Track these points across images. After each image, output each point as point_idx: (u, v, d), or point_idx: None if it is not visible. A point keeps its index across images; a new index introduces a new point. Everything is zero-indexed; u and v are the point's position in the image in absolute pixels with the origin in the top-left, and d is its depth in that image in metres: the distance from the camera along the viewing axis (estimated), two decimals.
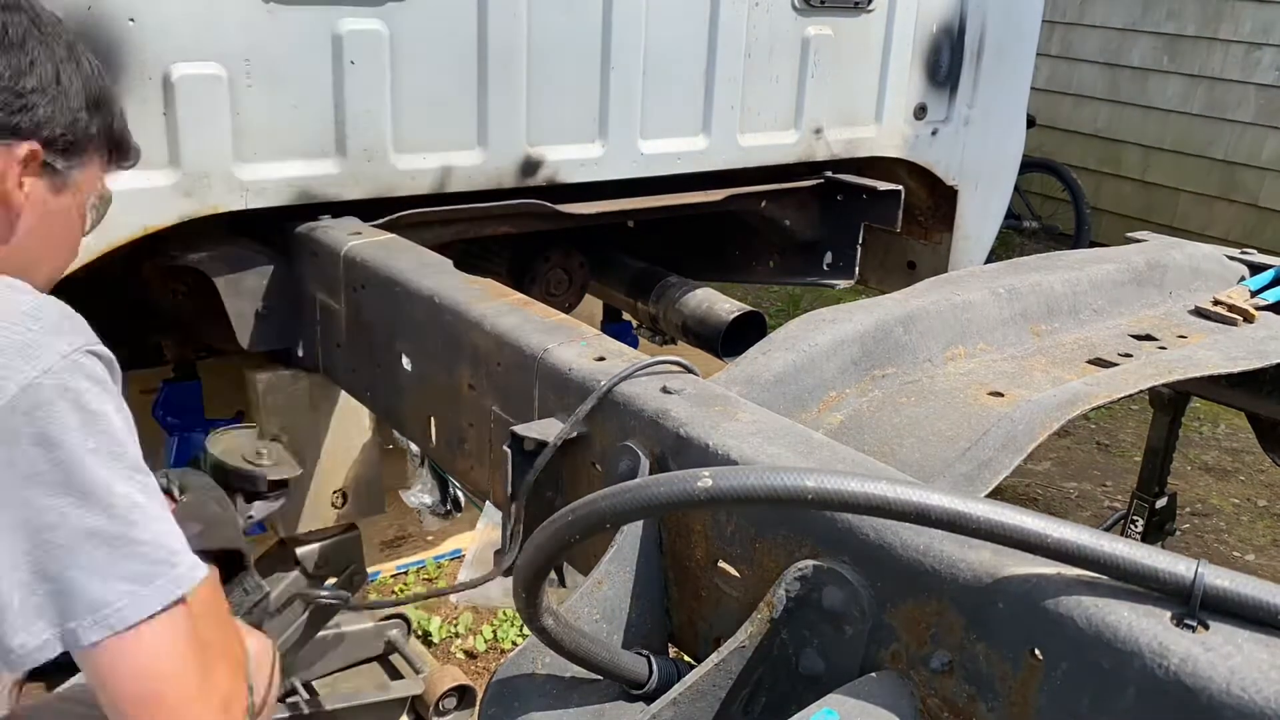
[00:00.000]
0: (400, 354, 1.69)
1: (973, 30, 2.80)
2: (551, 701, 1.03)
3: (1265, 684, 0.68)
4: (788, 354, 1.42)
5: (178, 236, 1.89)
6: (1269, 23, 6.29)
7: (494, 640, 3.02)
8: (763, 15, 2.45)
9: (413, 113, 2.04)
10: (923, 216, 2.98)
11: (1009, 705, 0.82)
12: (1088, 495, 4.20)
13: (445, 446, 1.63)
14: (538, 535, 0.92)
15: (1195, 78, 6.66)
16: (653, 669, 1.05)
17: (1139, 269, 1.89)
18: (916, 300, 1.62)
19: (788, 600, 0.96)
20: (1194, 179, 6.79)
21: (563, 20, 2.16)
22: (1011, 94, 2.98)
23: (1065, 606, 0.77)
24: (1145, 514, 2.57)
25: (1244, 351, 1.64)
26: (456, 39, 2.05)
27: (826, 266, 2.82)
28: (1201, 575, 0.73)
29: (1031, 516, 0.76)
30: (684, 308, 2.54)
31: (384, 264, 1.72)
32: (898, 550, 0.88)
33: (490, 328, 1.45)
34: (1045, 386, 1.49)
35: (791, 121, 2.60)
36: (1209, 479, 4.39)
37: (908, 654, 0.89)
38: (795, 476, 0.80)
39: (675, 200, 2.46)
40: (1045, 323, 1.73)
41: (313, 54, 1.90)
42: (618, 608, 1.11)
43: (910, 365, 1.55)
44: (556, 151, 2.25)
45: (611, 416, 1.20)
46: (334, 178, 1.98)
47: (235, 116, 1.85)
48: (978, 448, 1.30)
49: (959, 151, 2.91)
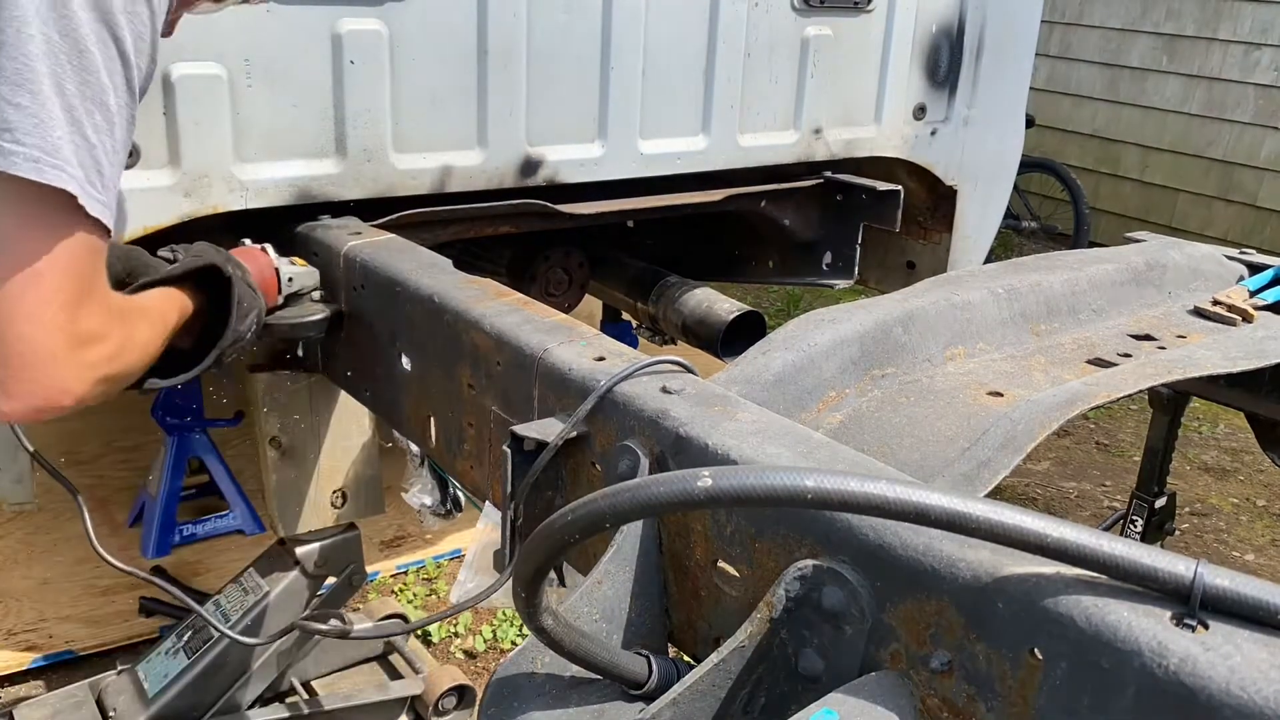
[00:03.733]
0: (400, 354, 1.69)
1: (972, 30, 2.80)
2: (551, 701, 1.03)
3: (1265, 684, 0.68)
4: (787, 354, 1.42)
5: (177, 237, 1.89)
6: (1268, 23, 6.29)
7: (493, 640, 3.01)
8: (762, 15, 2.45)
9: (412, 112, 2.04)
10: (922, 216, 2.98)
11: (1008, 705, 0.82)
12: (1087, 495, 4.20)
13: (445, 446, 1.63)
14: (537, 535, 0.92)
15: (1194, 78, 6.66)
16: (652, 669, 1.05)
17: (1138, 269, 1.89)
18: (916, 300, 1.62)
19: (787, 600, 0.96)
20: (1193, 179, 6.79)
21: (562, 20, 2.16)
22: (1011, 94, 2.98)
23: (1065, 606, 0.77)
24: (1145, 514, 2.57)
25: (1243, 351, 1.64)
26: (456, 39, 2.05)
27: (826, 266, 2.82)
28: (1201, 575, 0.73)
29: (1031, 516, 0.76)
30: (684, 308, 2.54)
31: (384, 264, 1.72)
32: (897, 550, 0.88)
33: (490, 328, 1.45)
34: (1044, 386, 1.49)
35: (791, 121, 2.60)
36: (1208, 479, 4.39)
37: (907, 654, 0.89)
38: (794, 476, 0.80)
39: (675, 200, 2.46)
40: (1045, 323, 1.73)
41: (312, 54, 1.90)
42: (617, 607, 1.11)
43: (910, 365, 1.55)
44: (556, 151, 2.25)
45: (611, 416, 1.20)
46: (334, 177, 1.98)
47: (235, 116, 1.85)
48: (977, 448, 1.30)
49: (958, 151, 2.91)
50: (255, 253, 1.74)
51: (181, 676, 2.21)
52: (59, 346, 1.15)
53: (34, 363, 1.14)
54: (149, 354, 1.39)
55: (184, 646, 2.26)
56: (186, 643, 2.27)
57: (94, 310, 1.20)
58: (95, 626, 2.78)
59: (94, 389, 1.21)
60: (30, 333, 1.13)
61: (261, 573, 2.27)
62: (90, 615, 2.81)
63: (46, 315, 1.13)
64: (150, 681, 2.25)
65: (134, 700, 2.24)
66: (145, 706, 2.21)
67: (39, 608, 2.81)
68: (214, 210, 1.87)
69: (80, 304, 1.17)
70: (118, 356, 1.27)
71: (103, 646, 2.75)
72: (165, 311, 1.46)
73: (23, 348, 1.13)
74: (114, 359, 1.26)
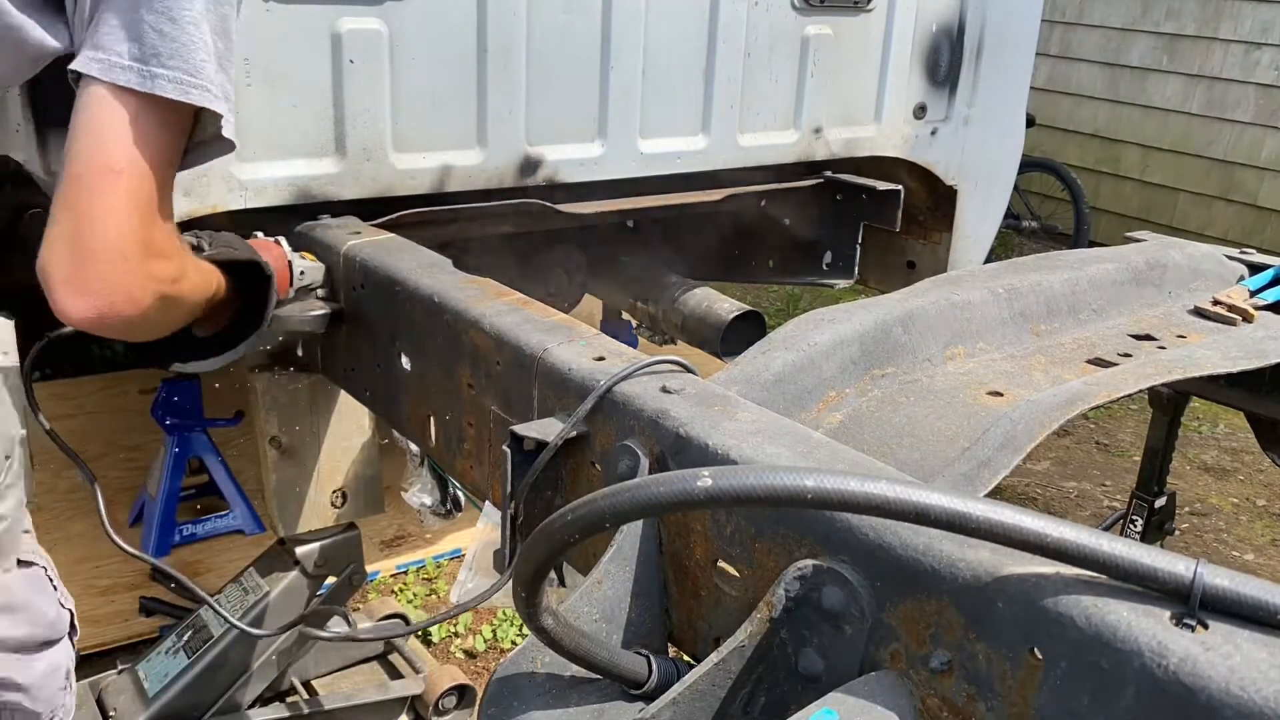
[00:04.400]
0: (400, 353, 1.69)
1: (972, 30, 2.80)
2: (551, 701, 1.03)
3: (1265, 684, 0.68)
4: (787, 353, 1.42)
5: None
6: (1268, 23, 6.29)
7: (493, 640, 3.02)
8: (762, 15, 2.45)
9: (412, 112, 2.04)
10: (922, 216, 2.98)
11: (1008, 705, 0.82)
12: (1087, 495, 4.20)
13: (444, 446, 1.63)
14: (537, 535, 0.92)
15: (1194, 77, 6.66)
16: (652, 669, 1.04)
17: (1138, 269, 1.89)
18: (916, 300, 1.62)
19: (787, 600, 0.96)
20: (1193, 179, 6.79)
21: (562, 19, 2.16)
22: (1011, 94, 2.98)
23: (1064, 606, 0.77)
24: (1144, 513, 2.57)
25: (1243, 351, 1.64)
26: (456, 38, 2.05)
27: (826, 266, 2.82)
28: (1201, 574, 0.73)
29: (1031, 516, 0.76)
30: (684, 307, 2.54)
31: (383, 263, 1.72)
32: (897, 550, 0.88)
33: (490, 327, 1.45)
34: (1045, 386, 1.49)
35: (791, 121, 2.60)
36: (1208, 478, 4.39)
37: (907, 653, 0.89)
38: (794, 476, 0.80)
39: (675, 200, 2.46)
40: (1045, 322, 1.73)
41: (312, 53, 1.90)
42: (617, 607, 1.11)
43: (910, 365, 1.55)
44: (556, 151, 2.25)
45: (611, 416, 1.20)
46: (333, 177, 1.98)
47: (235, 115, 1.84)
48: (977, 447, 1.30)
49: (958, 151, 2.91)
50: (270, 245, 1.77)
51: (181, 676, 2.21)
52: (134, 248, 1.17)
53: (109, 259, 1.15)
54: (200, 297, 1.42)
55: (184, 646, 2.26)
56: (186, 642, 2.27)
57: (165, 227, 1.23)
58: (95, 626, 2.79)
59: (155, 305, 1.22)
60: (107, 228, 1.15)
61: (261, 572, 2.27)
62: (90, 615, 2.81)
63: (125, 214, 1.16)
64: (150, 681, 2.25)
65: (134, 700, 2.24)
66: (145, 706, 2.21)
67: None
68: (214, 209, 1.87)
69: (154, 218, 1.20)
70: (179, 280, 1.29)
71: (103, 646, 2.75)
72: (210, 278, 1.49)
73: (98, 242, 1.15)
74: (176, 281, 1.28)
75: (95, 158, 1.14)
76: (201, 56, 1.17)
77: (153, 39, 1.14)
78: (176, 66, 1.15)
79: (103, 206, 1.14)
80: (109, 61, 1.13)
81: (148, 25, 1.14)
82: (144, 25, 1.13)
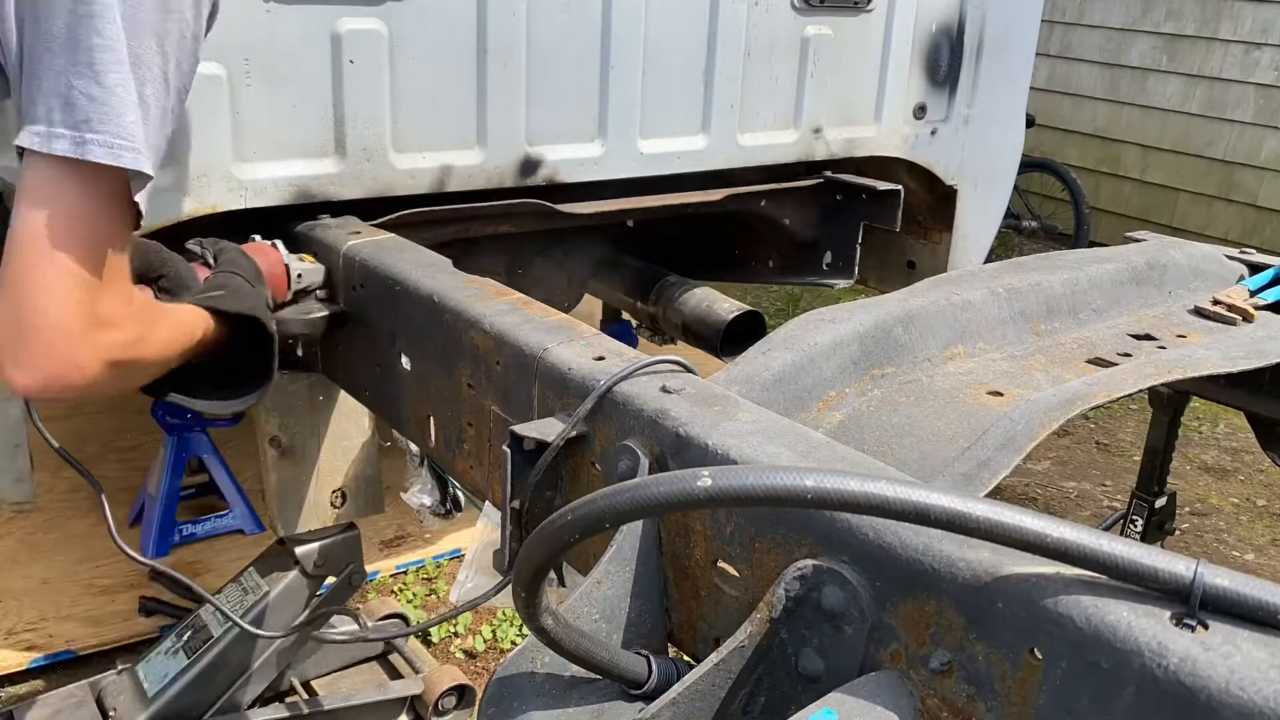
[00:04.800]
0: (399, 353, 1.69)
1: (972, 30, 2.80)
2: (551, 701, 1.03)
3: (1265, 684, 0.68)
4: (787, 353, 1.42)
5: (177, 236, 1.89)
6: (1268, 23, 6.29)
7: (493, 640, 3.01)
8: (762, 15, 2.45)
9: (412, 112, 2.04)
10: (922, 216, 2.98)
11: (1008, 705, 0.82)
12: (1087, 495, 4.20)
13: (444, 446, 1.63)
14: (536, 535, 0.92)
15: (1194, 77, 6.66)
16: (652, 669, 1.04)
17: (1138, 268, 1.89)
18: (916, 300, 1.62)
19: (787, 600, 0.95)
20: (1193, 179, 6.79)
21: (562, 19, 2.16)
22: (1011, 94, 2.98)
23: (1064, 606, 0.77)
24: (1145, 513, 2.57)
25: (1243, 351, 1.64)
26: (456, 38, 2.05)
27: (826, 266, 2.82)
28: (1201, 574, 0.73)
29: (1031, 516, 0.76)
30: (684, 307, 2.54)
31: (383, 263, 1.72)
32: (897, 550, 0.88)
33: (490, 327, 1.45)
34: (1045, 386, 1.49)
35: (791, 121, 2.60)
36: (1208, 478, 4.39)
37: (907, 654, 0.89)
38: (794, 476, 0.80)
39: (675, 200, 2.46)
40: (1045, 322, 1.73)
41: (312, 53, 1.90)
42: (617, 607, 1.11)
43: (910, 365, 1.55)
44: (556, 151, 2.25)
45: (611, 416, 1.20)
46: (333, 177, 1.98)
47: (234, 116, 1.85)
48: (977, 447, 1.30)
49: (958, 151, 2.91)
50: (266, 249, 1.76)
51: (181, 676, 2.21)
52: (75, 322, 1.17)
53: (49, 336, 1.16)
54: (168, 354, 1.41)
55: (184, 646, 2.26)
56: (186, 642, 2.27)
57: (117, 292, 1.23)
58: (95, 626, 2.79)
59: (106, 372, 1.22)
60: (47, 305, 1.15)
61: (261, 572, 2.27)
62: (90, 615, 2.81)
63: (65, 290, 1.16)
64: (150, 681, 2.25)
65: (134, 700, 2.24)
66: (145, 706, 2.21)
67: (39, 607, 2.81)
68: (213, 209, 1.87)
69: (99, 288, 1.19)
70: (135, 344, 1.29)
71: (103, 646, 2.75)
72: (193, 325, 1.48)
73: (39, 319, 1.15)
74: (131, 346, 1.27)
75: (34, 233, 1.15)
76: (131, 118, 1.17)
77: (83, 105, 1.15)
78: (106, 130, 1.15)
79: (41, 283, 1.14)
80: (46, 133, 1.14)
81: (78, 91, 1.14)
82: (74, 92, 1.14)
